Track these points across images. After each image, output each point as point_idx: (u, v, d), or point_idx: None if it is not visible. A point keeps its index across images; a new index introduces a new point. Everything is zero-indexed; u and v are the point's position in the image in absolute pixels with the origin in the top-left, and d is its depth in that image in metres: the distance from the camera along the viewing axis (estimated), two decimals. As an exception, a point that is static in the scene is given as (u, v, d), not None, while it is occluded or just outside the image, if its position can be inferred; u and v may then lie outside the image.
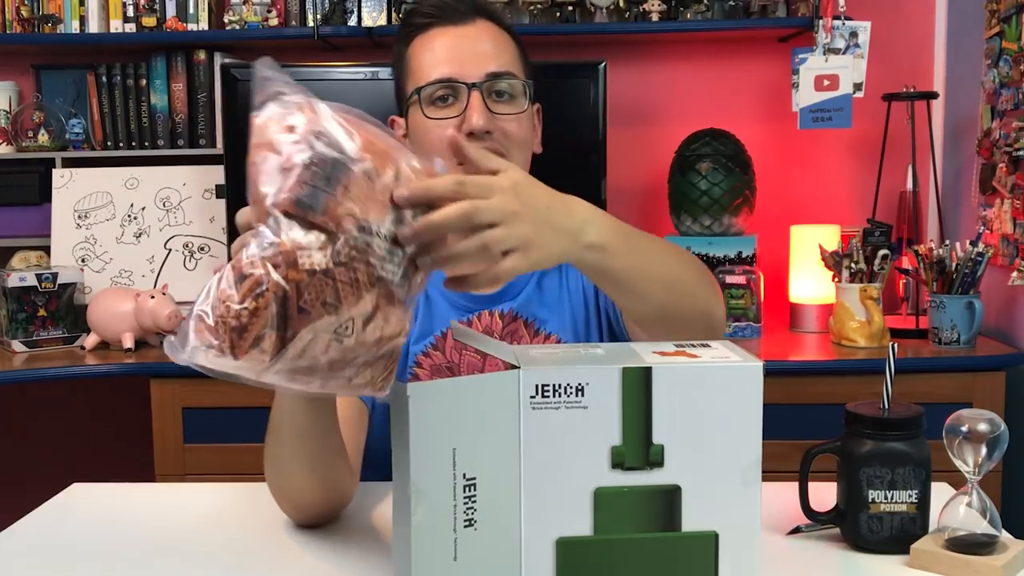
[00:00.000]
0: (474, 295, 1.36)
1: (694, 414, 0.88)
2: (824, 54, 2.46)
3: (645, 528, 0.90)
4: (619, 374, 0.88)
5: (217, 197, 2.63)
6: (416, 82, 1.28)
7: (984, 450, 0.97)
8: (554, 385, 0.88)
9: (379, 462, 1.43)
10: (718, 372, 0.87)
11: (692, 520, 0.89)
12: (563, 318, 1.36)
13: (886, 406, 1.05)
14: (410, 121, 1.31)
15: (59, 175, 2.65)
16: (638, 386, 0.88)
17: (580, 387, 0.88)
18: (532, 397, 0.88)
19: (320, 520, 1.14)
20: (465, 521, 0.88)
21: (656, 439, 0.88)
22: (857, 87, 2.47)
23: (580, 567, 0.91)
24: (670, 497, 0.89)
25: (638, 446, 0.89)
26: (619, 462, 0.89)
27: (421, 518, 0.86)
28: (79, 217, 2.64)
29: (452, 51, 1.27)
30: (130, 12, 2.63)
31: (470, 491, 0.88)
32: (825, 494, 1.08)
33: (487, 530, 0.89)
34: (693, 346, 0.93)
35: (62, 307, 2.44)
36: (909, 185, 2.57)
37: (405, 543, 0.87)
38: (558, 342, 1.34)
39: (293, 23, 2.64)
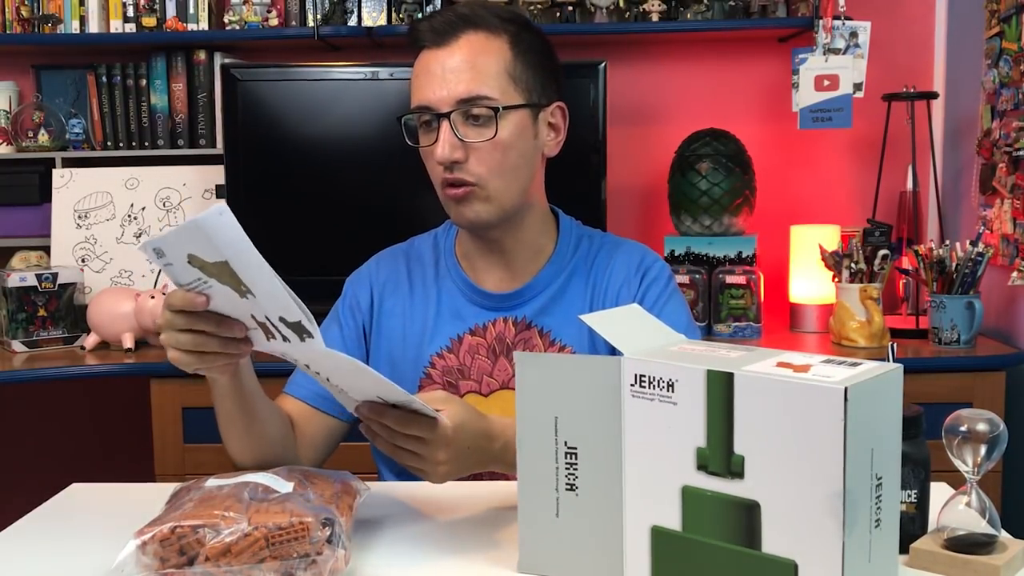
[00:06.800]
0: (489, 302, 1.37)
1: (774, 430, 0.84)
2: (824, 54, 2.45)
3: (729, 538, 0.88)
4: (704, 375, 0.87)
5: (217, 197, 2.63)
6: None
7: (983, 450, 0.97)
8: (650, 376, 0.90)
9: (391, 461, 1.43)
10: (794, 388, 0.83)
11: (772, 543, 0.86)
12: (580, 331, 1.35)
13: (886, 406, 1.04)
14: None
15: (59, 175, 2.65)
16: (721, 391, 0.86)
17: (670, 382, 0.89)
18: (632, 385, 0.92)
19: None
20: (567, 485, 0.97)
21: (737, 449, 0.86)
22: (857, 87, 2.47)
23: (672, 559, 0.92)
24: (750, 512, 0.86)
25: (720, 452, 0.87)
26: (703, 464, 0.89)
27: (526, 470, 0.99)
28: (79, 217, 2.64)
29: (429, 77, 1.28)
30: (130, 12, 2.63)
31: (571, 459, 0.97)
32: (825, 494, 1.08)
33: (588, 498, 0.96)
34: (830, 361, 0.88)
35: (62, 307, 2.43)
36: (909, 185, 2.57)
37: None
38: (572, 352, 1.35)
39: (293, 23, 2.64)
